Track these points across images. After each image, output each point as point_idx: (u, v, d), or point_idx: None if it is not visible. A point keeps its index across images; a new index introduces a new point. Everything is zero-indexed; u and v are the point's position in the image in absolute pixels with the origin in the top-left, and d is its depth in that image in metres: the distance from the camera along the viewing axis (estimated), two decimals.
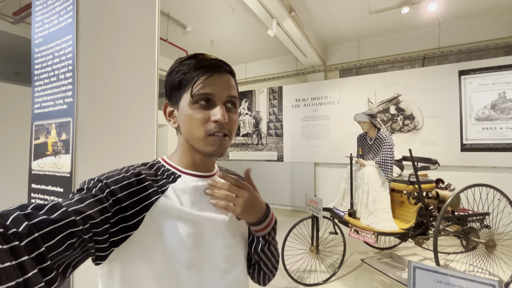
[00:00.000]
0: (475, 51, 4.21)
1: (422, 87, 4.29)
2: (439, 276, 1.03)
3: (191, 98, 0.52)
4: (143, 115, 1.11)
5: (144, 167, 0.55)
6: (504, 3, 3.74)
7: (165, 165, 0.57)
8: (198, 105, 0.52)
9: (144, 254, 0.47)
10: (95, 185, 0.46)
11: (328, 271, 2.63)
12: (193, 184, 0.55)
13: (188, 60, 0.54)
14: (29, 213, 0.35)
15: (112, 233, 0.44)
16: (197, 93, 0.52)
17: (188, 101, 0.52)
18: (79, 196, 0.43)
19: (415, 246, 3.13)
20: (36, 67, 1.25)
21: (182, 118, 0.54)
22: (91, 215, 0.41)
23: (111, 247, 0.45)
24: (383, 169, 2.53)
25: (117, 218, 0.45)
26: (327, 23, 4.37)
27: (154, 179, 0.53)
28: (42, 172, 1.20)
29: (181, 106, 0.54)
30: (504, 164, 3.79)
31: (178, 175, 0.56)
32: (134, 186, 0.49)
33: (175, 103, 0.56)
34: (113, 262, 0.47)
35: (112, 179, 0.48)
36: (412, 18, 4.09)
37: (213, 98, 0.53)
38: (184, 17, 4.19)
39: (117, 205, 0.46)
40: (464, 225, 2.31)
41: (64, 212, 0.37)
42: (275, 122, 5.62)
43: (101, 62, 1.13)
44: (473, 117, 3.99)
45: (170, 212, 0.50)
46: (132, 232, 0.46)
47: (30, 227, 0.33)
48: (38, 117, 1.25)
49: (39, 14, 1.26)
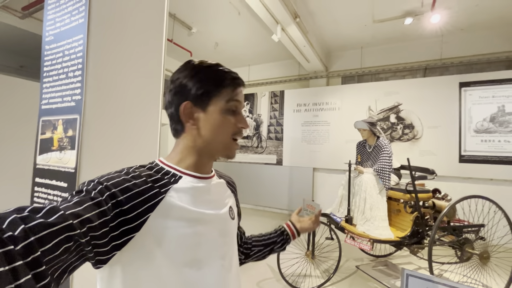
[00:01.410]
0: (476, 64, 4.26)
1: (422, 97, 4.33)
2: (432, 285, 1.05)
3: (226, 105, 0.57)
4: (147, 114, 1.13)
5: (144, 169, 0.55)
6: (506, 17, 3.79)
7: (164, 167, 0.57)
8: (229, 112, 0.58)
9: (146, 255, 0.47)
10: (94, 187, 0.45)
11: (322, 276, 2.64)
12: (194, 185, 0.56)
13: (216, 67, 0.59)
14: (26, 216, 0.35)
15: (113, 236, 0.44)
16: (233, 101, 0.58)
17: (221, 107, 0.57)
18: (78, 199, 0.42)
19: (410, 255, 3.14)
20: (46, 64, 1.28)
21: (211, 121, 0.57)
22: (89, 219, 0.40)
23: (113, 250, 0.45)
24: (381, 177, 2.55)
25: (118, 222, 0.45)
26: (331, 30, 4.42)
27: (155, 180, 0.53)
28: (47, 167, 1.23)
29: (211, 110, 0.57)
30: (501, 177, 3.82)
31: (178, 176, 0.56)
32: (135, 188, 0.48)
33: (200, 106, 0.57)
34: (114, 266, 0.47)
35: (112, 182, 0.47)
36: (415, 29, 4.14)
37: (240, 107, 0.60)
38: (190, 18, 4.24)
39: (117, 208, 0.45)
40: (459, 236, 2.34)
41: (61, 216, 0.37)
42: (276, 126, 5.66)
43: (110, 62, 1.16)
44: (472, 129, 4.03)
45: (173, 212, 0.51)
46: (135, 234, 0.46)
47: (26, 230, 0.33)
48: (45, 112, 1.27)
49: (51, 13, 1.29)
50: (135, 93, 1.15)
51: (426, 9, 3.62)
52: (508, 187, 3.80)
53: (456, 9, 3.63)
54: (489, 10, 3.64)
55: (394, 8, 3.71)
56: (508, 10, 3.62)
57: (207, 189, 0.59)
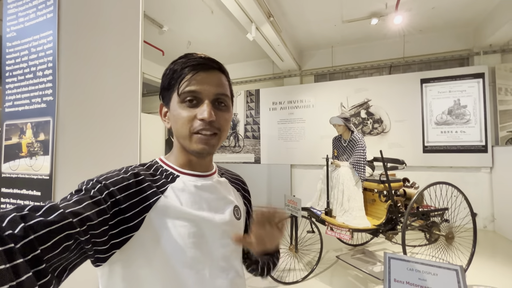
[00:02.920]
0: (434, 62, 4.64)
1: (389, 93, 4.63)
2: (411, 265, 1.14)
3: (178, 97, 0.52)
4: (127, 116, 1.09)
5: (143, 168, 0.55)
6: (459, 20, 4.18)
7: (163, 166, 0.57)
8: (185, 104, 0.52)
9: (145, 254, 0.47)
10: (93, 186, 0.45)
11: (306, 269, 2.72)
12: (192, 183, 0.56)
13: (179, 59, 0.55)
14: (26, 214, 0.34)
15: (112, 235, 0.44)
16: (183, 92, 0.52)
17: (177, 100, 0.53)
18: (77, 197, 0.42)
19: (385, 242, 3.35)
20: (8, 63, 1.16)
21: (172, 117, 0.55)
22: (88, 217, 0.40)
23: (112, 249, 0.45)
24: (356, 169, 2.68)
25: (116, 220, 0.45)
26: (303, 30, 4.55)
27: (153, 179, 0.52)
28: (15, 175, 1.12)
29: (171, 106, 0.55)
30: (460, 164, 4.22)
31: (176, 175, 0.56)
32: (133, 187, 0.48)
33: (167, 104, 0.56)
34: (114, 264, 0.46)
35: (111, 180, 0.47)
36: (381, 29, 4.41)
37: (200, 96, 0.52)
38: (161, 16, 4.10)
39: (116, 206, 0.45)
40: (428, 220, 2.54)
41: (61, 214, 0.37)
42: (252, 125, 5.68)
43: (84, 60, 1.10)
44: (433, 121, 4.38)
45: (170, 212, 0.50)
46: (134, 233, 0.46)
47: (26, 229, 0.33)
48: (9, 116, 1.16)
49: (12, 7, 1.17)
50: (112, 93, 1.09)
51: (390, 11, 3.87)
52: (466, 173, 4.21)
53: (415, 12, 3.92)
54: (444, 13, 3.99)
55: (361, 9, 3.91)
56: (460, 14, 3.99)
57: (206, 187, 0.58)
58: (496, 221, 4.01)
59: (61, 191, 1.05)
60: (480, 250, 3.12)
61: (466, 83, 4.21)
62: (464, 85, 4.22)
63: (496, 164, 4.02)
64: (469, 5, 3.78)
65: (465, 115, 4.21)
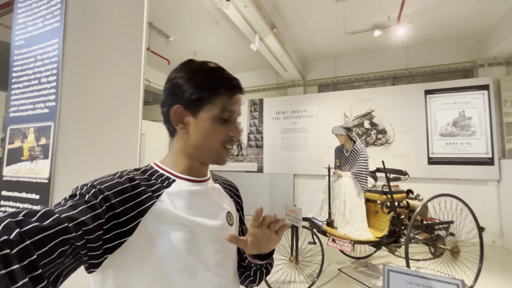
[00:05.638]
0: (438, 73, 4.63)
1: (392, 104, 4.61)
2: (410, 278, 1.11)
3: (219, 114, 0.55)
4: (127, 123, 1.11)
5: (138, 172, 0.55)
6: (462, 32, 4.20)
7: (159, 170, 0.57)
8: (221, 120, 0.56)
9: (138, 260, 0.47)
10: (88, 191, 0.45)
11: (307, 281, 2.66)
12: (188, 188, 0.56)
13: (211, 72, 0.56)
14: (21, 220, 0.34)
15: (105, 239, 0.44)
16: (225, 110, 0.56)
17: (213, 115, 0.55)
18: (72, 202, 0.42)
19: (389, 255, 3.26)
20: (15, 70, 1.21)
21: (200, 128, 0.55)
22: (84, 222, 0.40)
23: (105, 254, 0.44)
24: (358, 180, 2.65)
25: (110, 225, 0.45)
26: (306, 41, 4.61)
27: (148, 184, 0.52)
28: (15, 179, 1.14)
29: (202, 117, 0.55)
30: (465, 177, 4.14)
31: (172, 179, 0.56)
32: (128, 192, 0.48)
33: (192, 111, 0.55)
34: (107, 270, 0.46)
35: (106, 185, 0.47)
36: (384, 41, 4.44)
37: (234, 116, 0.58)
38: (167, 27, 4.21)
39: (111, 211, 0.45)
40: (432, 233, 2.48)
41: (56, 219, 0.37)
42: (256, 134, 5.70)
43: (87, 68, 1.13)
44: (437, 133, 4.34)
45: (165, 217, 0.50)
46: (127, 238, 0.46)
47: (21, 234, 0.32)
48: (14, 120, 1.19)
49: (22, 16, 1.23)
50: (114, 101, 1.12)
51: (392, 23, 3.91)
52: (471, 186, 4.12)
53: (418, 24, 3.96)
54: (446, 26, 4.02)
55: (364, 21, 3.96)
56: (462, 26, 4.01)
57: (201, 193, 0.58)
58: (505, 236, 3.89)
59: (58, 195, 1.06)
60: (488, 266, 3.02)
61: (471, 94, 4.18)
62: (468, 96, 4.19)
63: (503, 177, 3.93)
64: (472, 18, 3.80)
65: (470, 126, 4.16)
